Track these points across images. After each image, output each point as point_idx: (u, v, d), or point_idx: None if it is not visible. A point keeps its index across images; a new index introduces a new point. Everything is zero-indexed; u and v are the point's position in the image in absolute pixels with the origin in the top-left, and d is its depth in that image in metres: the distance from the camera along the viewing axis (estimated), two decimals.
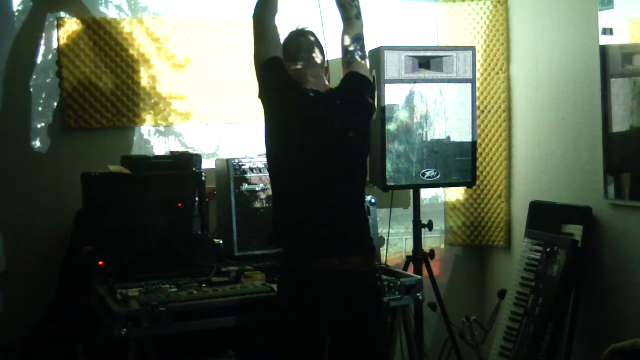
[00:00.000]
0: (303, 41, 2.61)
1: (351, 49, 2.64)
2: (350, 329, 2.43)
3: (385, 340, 2.65)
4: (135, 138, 3.49)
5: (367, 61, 2.68)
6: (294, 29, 2.66)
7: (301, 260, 2.42)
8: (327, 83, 2.62)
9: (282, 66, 2.53)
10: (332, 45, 2.78)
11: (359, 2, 2.69)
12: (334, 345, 2.48)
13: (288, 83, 2.52)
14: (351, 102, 2.54)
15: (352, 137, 2.50)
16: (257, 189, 3.15)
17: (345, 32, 2.67)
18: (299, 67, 2.56)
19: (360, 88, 2.59)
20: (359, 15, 2.68)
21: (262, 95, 2.55)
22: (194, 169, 3.12)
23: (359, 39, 2.65)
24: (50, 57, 3.34)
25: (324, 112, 2.49)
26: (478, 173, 3.75)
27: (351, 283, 2.41)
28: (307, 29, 2.65)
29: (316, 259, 2.39)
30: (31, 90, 3.32)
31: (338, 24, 2.72)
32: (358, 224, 2.53)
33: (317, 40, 2.64)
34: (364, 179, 2.61)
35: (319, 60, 2.61)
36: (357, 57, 2.63)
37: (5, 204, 3.29)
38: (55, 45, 3.33)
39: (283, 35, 2.63)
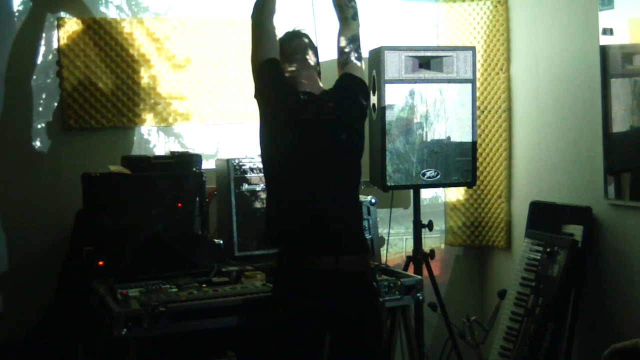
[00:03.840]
0: (299, 43, 2.63)
1: (347, 49, 2.64)
2: (345, 329, 2.44)
3: (382, 340, 2.64)
4: (135, 138, 3.49)
5: (362, 62, 2.68)
6: (289, 29, 2.67)
7: (295, 259, 2.43)
8: (320, 85, 2.63)
9: (278, 68, 2.54)
10: (325, 47, 2.78)
11: (355, 3, 2.70)
12: (330, 344, 2.48)
13: (283, 85, 2.53)
14: (344, 104, 2.55)
15: (344, 139, 2.52)
16: (257, 189, 3.15)
17: (341, 33, 2.68)
18: (294, 68, 2.58)
19: (354, 89, 2.60)
20: (355, 16, 2.68)
21: (258, 96, 2.57)
22: (194, 169, 3.12)
23: (354, 40, 2.66)
24: (50, 57, 3.33)
25: (316, 114, 2.50)
26: (478, 173, 3.75)
27: (345, 282, 2.41)
28: (303, 31, 2.67)
29: (310, 258, 2.40)
30: (31, 90, 3.32)
31: (332, 25, 2.72)
32: (352, 223, 2.54)
33: (311, 42, 2.66)
34: (358, 179, 2.61)
35: (312, 62, 2.63)
36: (353, 58, 2.64)
37: (5, 203, 3.29)
38: (55, 45, 3.33)
39: (279, 36, 2.63)
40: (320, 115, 2.50)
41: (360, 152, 2.62)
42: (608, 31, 3.11)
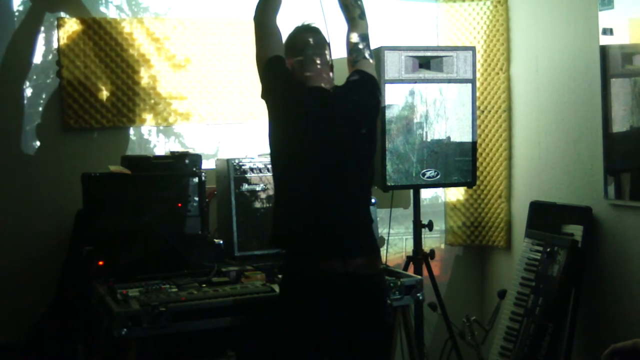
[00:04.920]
0: (309, 37, 2.57)
1: (359, 46, 2.61)
2: (352, 332, 2.41)
3: (388, 343, 2.62)
4: (135, 138, 3.49)
5: (373, 61, 2.65)
6: (299, 24, 2.63)
7: (304, 261, 2.40)
8: (332, 80, 2.58)
9: (284, 65, 2.51)
10: (334, 45, 2.76)
11: (362, 2, 2.66)
12: (335, 347, 2.46)
13: (291, 81, 2.49)
14: (361, 100, 2.51)
15: (364, 134, 2.48)
16: (257, 189, 3.15)
17: (350, 32, 2.65)
18: (304, 63, 2.53)
19: (369, 86, 2.56)
20: (362, 15, 2.65)
21: (265, 95, 2.53)
22: (194, 169, 3.12)
23: (365, 38, 2.63)
24: (50, 57, 3.33)
25: (330, 110, 2.46)
26: (478, 173, 3.75)
27: (354, 285, 2.38)
28: (313, 25, 2.61)
29: (319, 260, 2.37)
30: (31, 90, 3.32)
31: (340, 24, 2.71)
32: (363, 225, 2.50)
33: (322, 36, 2.60)
34: (371, 179, 2.57)
35: (324, 57, 2.57)
36: (366, 55, 2.60)
37: (5, 203, 3.29)
38: (55, 45, 3.33)
39: (286, 33, 2.61)
40: (335, 111, 2.46)
41: (374, 150, 2.57)
42: (608, 31, 3.11)
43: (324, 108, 2.47)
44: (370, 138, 2.53)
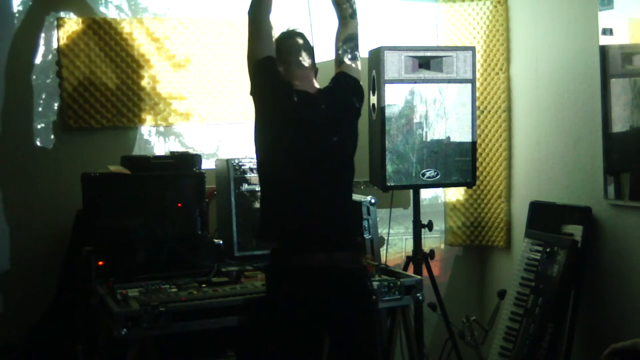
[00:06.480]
0: (293, 42, 2.64)
1: (346, 47, 2.67)
2: (339, 326, 2.46)
3: (375, 338, 2.64)
4: (135, 138, 3.49)
5: (359, 62, 2.70)
6: (284, 29, 2.70)
7: (289, 256, 2.46)
8: (315, 84, 2.65)
9: (274, 66, 2.56)
10: (321, 47, 2.79)
11: (354, 2, 2.72)
12: (331, 342, 2.51)
13: (279, 84, 2.55)
14: (337, 105, 2.58)
15: (335, 141, 2.54)
16: (257, 189, 3.15)
17: (339, 32, 2.72)
18: (289, 67, 2.59)
19: (347, 90, 2.63)
20: (353, 15, 2.71)
21: (253, 93, 2.59)
22: (194, 169, 3.12)
23: (351, 39, 2.68)
24: (50, 57, 3.33)
25: (311, 114, 2.52)
26: (478, 173, 3.75)
27: (338, 279, 2.44)
28: (298, 30, 2.69)
29: (303, 255, 2.43)
30: (31, 90, 3.32)
31: (328, 25, 2.73)
32: (345, 221, 2.58)
33: (306, 42, 2.68)
34: (350, 178, 2.64)
35: (307, 62, 2.64)
36: (351, 56, 2.67)
37: (5, 203, 3.28)
38: (55, 45, 3.33)
39: (275, 37, 2.65)
40: (314, 116, 2.53)
41: (352, 151, 2.64)
42: (608, 31, 3.11)
43: (307, 111, 2.53)
44: (350, 139, 2.60)
